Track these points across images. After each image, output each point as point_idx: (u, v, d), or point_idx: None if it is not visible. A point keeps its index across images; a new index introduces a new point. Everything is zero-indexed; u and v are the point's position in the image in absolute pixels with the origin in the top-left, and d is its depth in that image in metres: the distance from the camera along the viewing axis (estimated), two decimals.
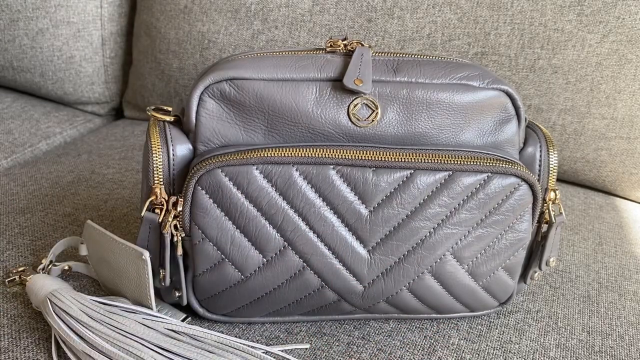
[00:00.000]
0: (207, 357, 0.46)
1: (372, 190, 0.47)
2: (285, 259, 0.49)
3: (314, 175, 0.47)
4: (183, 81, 0.93)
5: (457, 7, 0.80)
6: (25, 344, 0.49)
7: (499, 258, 0.51)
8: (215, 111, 0.48)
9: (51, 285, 0.51)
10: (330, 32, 0.85)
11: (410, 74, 0.49)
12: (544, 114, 0.81)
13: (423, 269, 0.50)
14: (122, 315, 0.48)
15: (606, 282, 0.64)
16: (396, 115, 0.49)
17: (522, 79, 0.80)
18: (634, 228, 0.77)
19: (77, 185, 0.75)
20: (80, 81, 1.01)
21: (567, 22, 0.77)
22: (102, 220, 0.67)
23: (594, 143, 0.81)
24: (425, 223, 0.49)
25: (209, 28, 0.89)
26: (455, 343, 0.53)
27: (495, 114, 0.50)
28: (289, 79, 0.48)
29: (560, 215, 0.53)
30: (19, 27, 0.97)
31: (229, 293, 0.50)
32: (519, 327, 0.56)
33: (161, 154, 0.48)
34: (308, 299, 0.51)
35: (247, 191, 0.47)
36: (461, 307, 0.54)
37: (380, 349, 0.52)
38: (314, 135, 0.48)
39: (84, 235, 0.55)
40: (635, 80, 0.77)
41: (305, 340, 0.52)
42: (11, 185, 0.75)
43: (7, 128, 0.93)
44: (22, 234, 0.64)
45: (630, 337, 0.56)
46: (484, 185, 0.48)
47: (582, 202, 0.82)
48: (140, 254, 0.48)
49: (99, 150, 0.87)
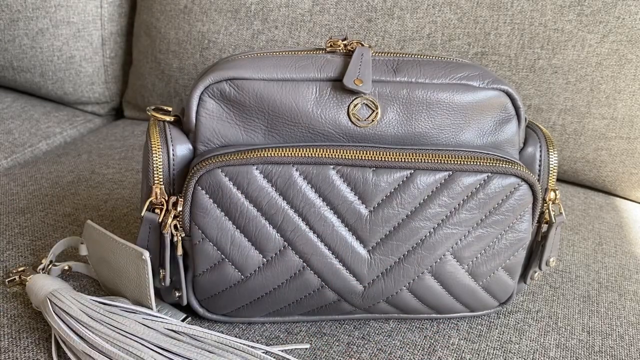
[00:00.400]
0: (207, 357, 0.46)
1: (372, 190, 0.47)
2: (285, 259, 0.49)
3: (314, 175, 0.47)
4: (183, 81, 0.93)
5: (457, 7, 0.80)
6: (25, 344, 0.49)
7: (499, 258, 0.51)
8: (215, 111, 0.48)
9: (51, 285, 0.51)
10: (330, 32, 0.85)
11: (410, 74, 0.49)
12: (544, 114, 0.81)
13: (423, 269, 0.50)
14: (122, 315, 0.48)
15: (606, 282, 0.64)
16: (396, 115, 0.49)
17: (522, 79, 0.80)
18: (634, 228, 0.77)
19: (77, 185, 0.75)
20: (80, 81, 1.01)
21: (567, 22, 0.77)
22: (102, 220, 0.67)
23: (594, 143, 0.81)
24: (425, 223, 0.49)
25: (209, 28, 0.89)
26: (455, 343, 0.53)
27: (495, 114, 0.50)
28: (289, 79, 0.48)
29: (560, 215, 0.53)
30: (19, 27, 0.97)
31: (229, 293, 0.50)
32: (519, 327, 0.56)
33: (161, 154, 0.48)
34: (308, 299, 0.51)
35: (247, 191, 0.47)
36: (461, 307, 0.54)
37: (380, 349, 0.52)
38: (314, 135, 0.48)
39: (84, 235, 0.55)
40: (635, 80, 0.77)
41: (305, 340, 0.52)
42: (11, 185, 0.75)
43: (7, 128, 0.93)
44: (22, 234, 0.64)
45: (630, 337, 0.56)
46: (484, 185, 0.48)
47: (582, 202, 0.82)
48: (140, 254, 0.48)
49: (99, 150, 0.87)
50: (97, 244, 0.53)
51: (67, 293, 0.49)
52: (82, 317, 0.47)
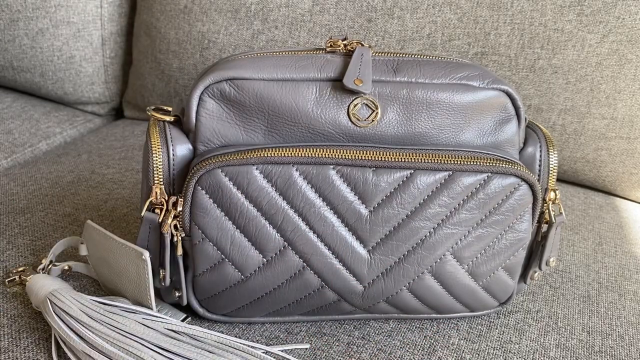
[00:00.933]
0: (207, 357, 0.46)
1: (372, 190, 0.47)
2: (285, 259, 0.49)
3: (314, 175, 0.47)
4: (183, 81, 0.93)
5: (457, 7, 0.80)
6: (25, 344, 0.49)
7: (499, 258, 0.51)
8: (215, 111, 0.48)
9: (51, 285, 0.51)
10: (330, 32, 0.85)
11: (410, 74, 0.49)
12: (544, 114, 0.81)
13: (423, 269, 0.50)
14: (122, 315, 0.48)
15: (606, 282, 0.64)
16: (396, 115, 0.49)
17: (522, 79, 0.80)
18: (634, 228, 0.77)
19: (77, 185, 0.75)
20: (80, 81, 1.01)
21: (567, 22, 0.77)
22: (102, 220, 0.67)
23: (594, 143, 0.81)
24: (425, 223, 0.49)
25: (209, 28, 0.89)
26: (455, 343, 0.53)
27: (495, 114, 0.50)
28: (289, 79, 0.48)
29: (560, 215, 0.53)
30: (19, 27, 0.97)
31: (229, 293, 0.50)
32: (519, 327, 0.56)
33: (161, 154, 0.48)
34: (308, 299, 0.51)
35: (247, 191, 0.47)
36: (461, 307, 0.54)
37: (380, 349, 0.52)
38: (314, 135, 0.48)
39: (84, 235, 0.55)
40: (635, 80, 0.77)
41: (305, 340, 0.52)
42: (11, 185, 0.75)
43: (7, 128, 0.93)
44: (22, 234, 0.64)
45: (630, 337, 0.56)
46: (484, 185, 0.48)
47: (582, 202, 0.82)
48: (140, 254, 0.48)
49: (99, 150, 0.87)
50: (97, 244, 0.53)
51: (67, 293, 0.49)
52: (82, 317, 0.47)
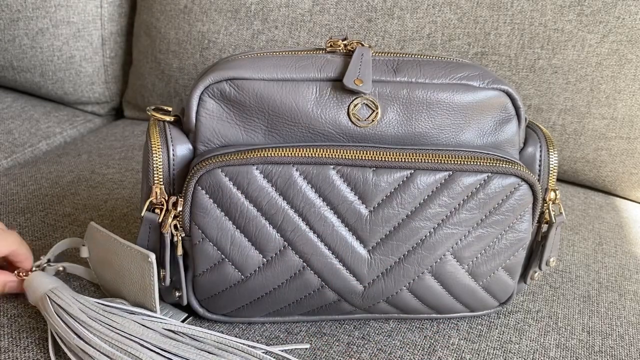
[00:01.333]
0: (206, 358, 0.46)
1: (372, 190, 0.47)
2: (285, 259, 0.49)
3: (314, 175, 0.47)
4: (183, 81, 0.93)
5: (457, 7, 0.80)
6: (25, 343, 0.49)
7: (499, 258, 0.51)
8: (215, 111, 0.48)
9: (50, 283, 0.51)
10: (330, 32, 0.85)
11: (410, 74, 0.49)
12: (544, 114, 0.81)
13: (423, 269, 0.50)
14: (120, 316, 0.48)
15: (606, 282, 0.64)
16: (396, 115, 0.49)
17: (522, 79, 0.80)
18: (634, 228, 0.77)
19: (77, 185, 0.75)
20: (80, 81, 1.01)
21: (567, 22, 0.77)
22: (102, 220, 0.67)
23: (594, 143, 0.81)
24: (425, 223, 0.49)
25: (209, 28, 0.89)
26: (455, 343, 0.53)
27: (495, 114, 0.50)
28: (289, 79, 0.48)
29: (560, 215, 0.53)
30: (19, 27, 0.97)
31: (229, 293, 0.50)
32: (519, 327, 0.56)
33: (161, 154, 0.48)
34: (308, 299, 0.51)
35: (247, 191, 0.47)
36: (461, 307, 0.54)
37: (380, 349, 0.52)
38: (314, 135, 0.48)
39: (86, 236, 0.54)
40: (635, 80, 0.77)
41: (305, 340, 0.52)
42: (11, 185, 0.75)
43: (7, 128, 0.93)
44: (22, 234, 0.64)
45: (630, 337, 0.56)
46: (484, 185, 0.48)
47: (582, 202, 0.82)
48: (146, 257, 0.48)
49: (99, 150, 0.87)
50: (100, 246, 0.53)
51: (66, 292, 0.49)
52: (81, 316, 0.47)
